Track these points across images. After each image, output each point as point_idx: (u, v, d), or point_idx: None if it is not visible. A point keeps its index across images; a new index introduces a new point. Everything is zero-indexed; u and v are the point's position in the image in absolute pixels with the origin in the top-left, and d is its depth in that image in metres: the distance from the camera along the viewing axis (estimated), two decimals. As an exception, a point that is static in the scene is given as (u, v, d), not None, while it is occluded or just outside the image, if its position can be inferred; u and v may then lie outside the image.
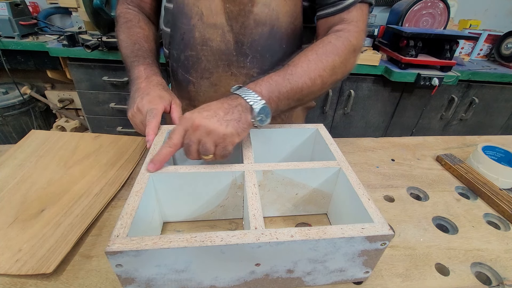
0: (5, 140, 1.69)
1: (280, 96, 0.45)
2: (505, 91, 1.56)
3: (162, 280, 0.33)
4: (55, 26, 1.62)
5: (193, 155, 0.41)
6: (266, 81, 0.45)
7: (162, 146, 0.41)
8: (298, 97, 0.48)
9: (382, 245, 0.33)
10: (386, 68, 1.41)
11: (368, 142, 0.73)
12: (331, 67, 0.49)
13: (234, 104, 0.42)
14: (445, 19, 1.48)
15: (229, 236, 0.30)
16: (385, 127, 1.67)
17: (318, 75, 0.48)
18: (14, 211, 0.45)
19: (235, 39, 0.57)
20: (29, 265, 0.37)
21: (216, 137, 0.40)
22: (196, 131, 0.40)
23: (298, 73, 0.47)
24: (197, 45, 0.58)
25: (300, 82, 0.47)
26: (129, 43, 0.58)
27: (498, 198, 0.53)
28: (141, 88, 0.51)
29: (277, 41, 0.57)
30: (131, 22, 0.62)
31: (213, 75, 0.61)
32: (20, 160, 0.56)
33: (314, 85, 0.48)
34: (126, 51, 0.58)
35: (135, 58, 0.56)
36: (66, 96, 1.84)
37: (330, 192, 0.46)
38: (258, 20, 0.55)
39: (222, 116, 0.40)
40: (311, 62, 0.48)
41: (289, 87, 0.46)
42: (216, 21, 0.56)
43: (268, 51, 0.58)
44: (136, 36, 0.59)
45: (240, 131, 0.41)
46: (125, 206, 0.34)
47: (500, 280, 0.40)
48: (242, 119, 0.41)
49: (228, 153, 0.41)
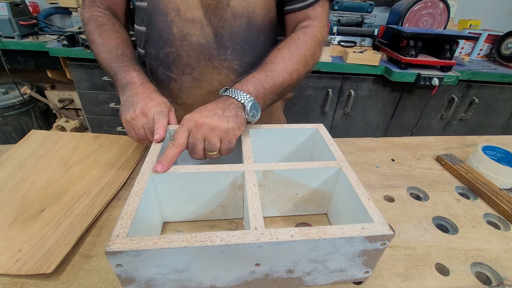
0: (5, 140, 1.69)
1: (265, 92, 0.50)
2: (505, 91, 1.56)
3: (162, 280, 0.33)
4: (55, 26, 1.62)
5: (199, 153, 0.43)
6: (251, 79, 0.50)
7: (168, 147, 0.42)
8: (280, 91, 0.53)
9: (382, 245, 0.33)
10: (386, 68, 1.41)
11: (368, 142, 0.73)
12: (303, 60, 0.55)
13: (227, 103, 0.46)
14: (445, 19, 1.48)
15: (229, 236, 0.30)
16: (385, 127, 1.67)
17: (294, 69, 0.54)
18: (14, 211, 0.45)
19: (214, 33, 0.58)
20: (29, 265, 0.37)
21: (220, 132, 0.43)
22: (200, 129, 0.43)
23: (277, 69, 0.52)
24: (176, 41, 0.58)
25: (280, 77, 0.52)
26: (110, 47, 0.57)
27: (498, 198, 0.53)
28: (140, 93, 0.51)
29: (254, 32, 0.59)
30: (106, 25, 0.60)
31: (195, 70, 0.61)
32: (20, 160, 0.56)
33: (292, 79, 0.54)
34: (107, 55, 0.57)
35: (123, 63, 0.55)
36: (66, 96, 1.84)
37: (330, 192, 0.46)
38: (235, 13, 0.56)
39: (221, 114, 0.44)
40: (286, 59, 0.53)
41: (271, 83, 0.51)
42: (194, 16, 0.56)
43: (246, 43, 0.60)
44: (116, 40, 0.58)
45: (240, 125, 0.45)
46: (125, 206, 0.34)
47: (500, 280, 0.40)
48: (239, 114, 0.45)
49: (233, 147, 0.45)
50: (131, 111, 0.49)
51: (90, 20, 0.61)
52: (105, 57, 0.57)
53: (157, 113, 0.49)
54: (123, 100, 0.52)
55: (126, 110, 0.50)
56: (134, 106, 0.50)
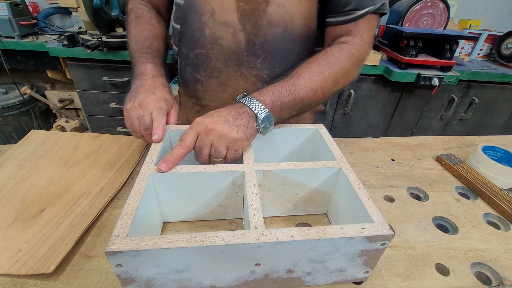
0: (5, 140, 1.69)
1: (282, 105, 0.48)
2: (505, 91, 1.56)
3: (162, 280, 0.33)
4: (55, 26, 1.62)
5: (204, 158, 0.43)
6: (270, 91, 0.48)
7: (175, 147, 0.42)
8: (299, 106, 0.50)
9: (382, 245, 0.33)
10: (386, 68, 1.41)
11: (368, 142, 0.73)
12: (332, 79, 0.51)
13: (241, 112, 0.45)
14: (445, 19, 1.48)
15: (229, 236, 0.30)
16: (385, 127, 1.67)
17: (320, 87, 0.50)
18: (14, 211, 0.45)
19: (246, 39, 0.56)
20: (29, 265, 0.37)
21: (228, 141, 0.42)
22: (208, 134, 0.42)
23: (300, 84, 0.49)
24: (207, 43, 0.57)
25: (302, 93, 0.49)
26: (140, 38, 0.59)
27: (498, 198, 0.53)
28: (146, 85, 0.51)
29: (289, 43, 0.56)
30: (143, 17, 0.62)
31: (222, 74, 0.60)
32: (20, 160, 0.56)
33: (315, 96, 0.51)
34: (135, 45, 0.58)
35: (144, 55, 0.56)
36: (66, 96, 1.84)
37: (330, 192, 0.46)
38: (271, 21, 0.54)
39: (232, 122, 0.43)
40: (313, 74, 0.50)
41: (291, 97, 0.48)
42: (228, 20, 0.54)
43: (279, 52, 0.57)
44: (147, 32, 0.60)
45: (249, 136, 0.44)
46: (125, 206, 0.34)
47: (500, 280, 0.40)
48: (250, 125, 0.44)
49: (239, 157, 0.44)
50: (132, 101, 0.50)
51: (131, 11, 0.63)
52: (133, 46, 0.59)
53: (156, 110, 0.48)
54: (132, 89, 0.53)
55: (129, 99, 0.51)
56: (136, 96, 0.50)
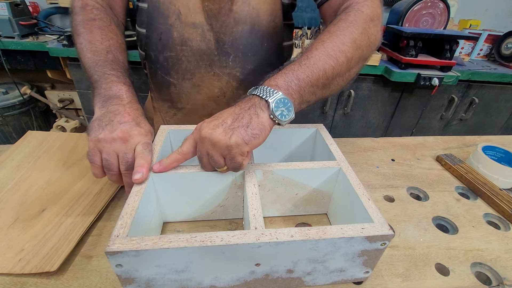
0: (5, 140, 1.69)
1: (300, 83, 0.40)
2: (505, 91, 1.56)
3: (162, 280, 0.33)
4: (55, 26, 1.62)
5: (207, 168, 0.41)
6: (282, 72, 0.41)
7: (173, 152, 0.41)
8: (323, 81, 0.42)
9: (382, 245, 0.33)
10: (386, 68, 1.41)
11: (368, 142, 0.73)
12: (351, 40, 0.43)
13: (246, 107, 0.38)
14: (445, 19, 1.48)
15: (229, 236, 0.30)
16: (385, 127, 1.67)
17: (340, 51, 0.42)
18: (14, 211, 0.45)
19: (215, 38, 0.56)
20: (33, 264, 0.37)
21: (221, 149, 0.37)
22: (203, 143, 0.38)
23: (315, 55, 0.41)
24: (176, 46, 0.56)
25: (320, 63, 0.41)
26: (100, 48, 0.50)
27: (498, 198, 0.53)
28: (124, 113, 0.43)
29: (258, 39, 0.57)
30: (101, 21, 0.52)
31: (195, 75, 0.59)
32: (18, 161, 0.56)
33: (339, 63, 0.42)
34: (93, 56, 0.49)
35: (112, 72, 0.47)
36: (66, 96, 1.84)
37: (330, 192, 0.46)
38: (238, 19, 0.54)
39: (229, 125, 0.37)
40: (326, 42, 0.43)
41: (308, 71, 0.40)
42: (195, 20, 0.54)
43: (249, 49, 0.57)
44: (109, 42, 0.51)
45: (248, 139, 0.37)
46: (125, 206, 0.34)
47: (500, 280, 0.40)
48: (252, 123, 0.37)
49: (238, 164, 0.38)
50: (107, 130, 0.40)
51: (82, 10, 0.52)
52: (91, 57, 0.49)
53: (143, 145, 0.41)
54: (100, 114, 0.43)
55: (100, 127, 0.41)
56: (114, 126, 0.41)
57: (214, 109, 0.64)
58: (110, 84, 0.46)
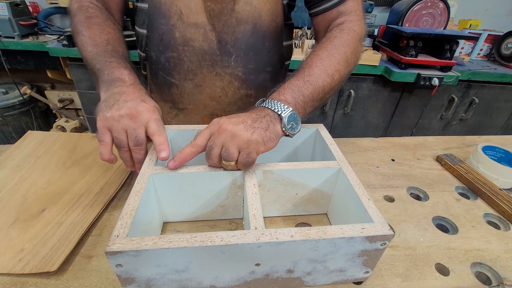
0: (5, 140, 1.69)
1: (305, 99, 0.45)
2: (505, 91, 1.56)
3: (162, 280, 0.33)
4: (55, 26, 1.62)
5: (214, 160, 0.40)
6: (288, 88, 0.45)
7: (186, 146, 0.41)
8: (321, 96, 0.48)
9: (382, 245, 0.33)
10: (386, 68, 1.41)
11: (368, 142, 0.73)
12: (344, 59, 0.50)
13: (262, 115, 0.41)
14: (445, 19, 1.48)
15: (229, 236, 0.30)
16: (385, 127, 1.67)
17: (335, 70, 0.48)
18: (14, 211, 0.45)
19: (218, 38, 0.56)
20: (33, 264, 0.37)
21: (241, 142, 0.38)
22: (221, 134, 0.39)
23: (316, 73, 0.47)
24: (178, 46, 0.56)
25: (320, 80, 0.47)
26: (99, 41, 0.50)
27: (498, 198, 0.53)
28: (129, 92, 0.44)
29: (260, 39, 0.58)
30: (98, 18, 0.53)
31: (197, 76, 0.59)
32: (18, 161, 0.56)
33: (334, 81, 0.48)
34: (93, 49, 0.49)
35: (113, 59, 0.48)
36: (66, 96, 1.84)
37: (330, 192, 0.46)
38: (240, 18, 0.55)
39: (249, 124, 0.40)
40: (324, 60, 0.48)
41: (311, 88, 0.46)
42: (197, 21, 0.54)
43: (251, 49, 0.58)
44: (107, 35, 0.52)
45: (266, 140, 0.40)
46: (125, 206, 0.34)
47: (500, 280, 0.40)
48: (270, 128, 0.40)
49: (252, 162, 0.39)
50: (115, 109, 0.41)
51: (79, 11, 0.54)
52: (92, 50, 0.50)
53: (155, 122, 0.42)
54: (106, 96, 0.44)
55: (107, 107, 0.42)
56: (120, 104, 0.41)
57: (216, 109, 0.64)
58: (112, 69, 0.47)
